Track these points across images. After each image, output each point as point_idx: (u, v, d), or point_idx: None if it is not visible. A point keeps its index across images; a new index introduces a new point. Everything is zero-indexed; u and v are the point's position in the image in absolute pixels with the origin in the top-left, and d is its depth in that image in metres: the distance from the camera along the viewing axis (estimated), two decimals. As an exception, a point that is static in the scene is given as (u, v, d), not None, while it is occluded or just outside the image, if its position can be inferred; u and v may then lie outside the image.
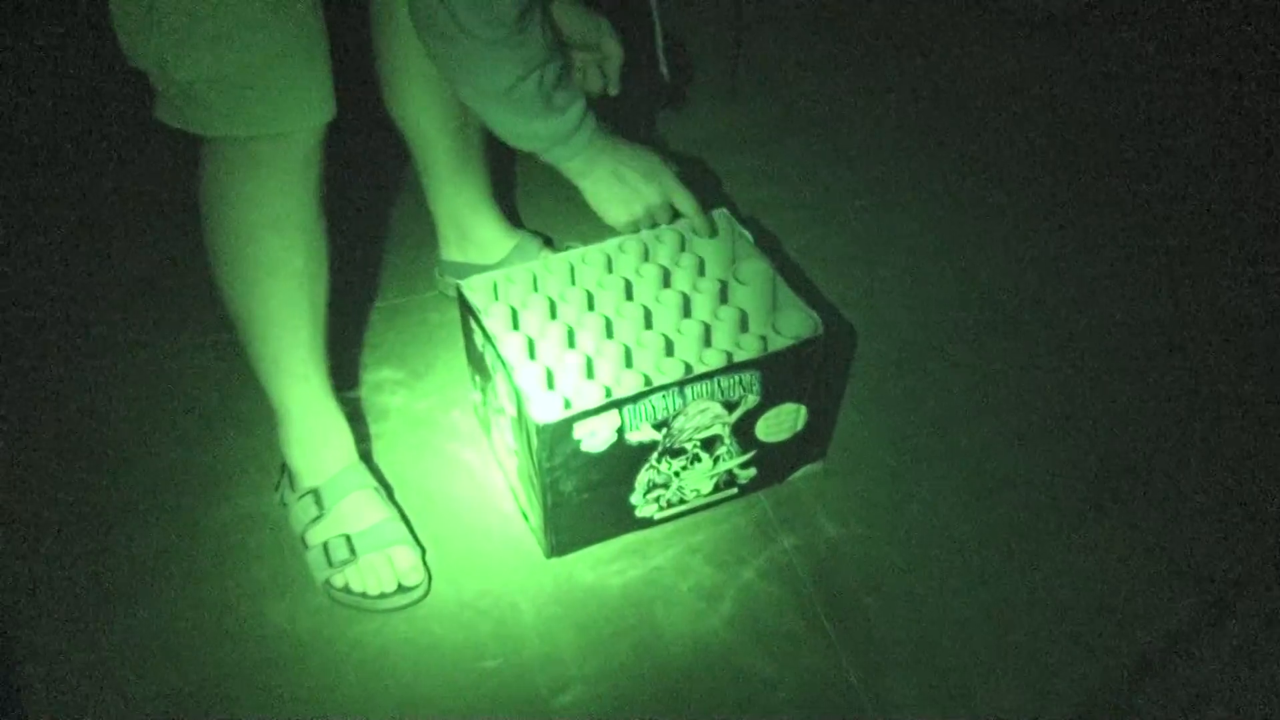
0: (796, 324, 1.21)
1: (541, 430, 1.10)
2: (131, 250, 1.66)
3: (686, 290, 1.26)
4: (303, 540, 1.23)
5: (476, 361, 1.27)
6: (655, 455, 1.18)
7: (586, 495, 1.18)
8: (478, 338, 1.24)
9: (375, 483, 1.26)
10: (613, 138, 1.19)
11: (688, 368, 1.17)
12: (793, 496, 1.31)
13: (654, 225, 1.27)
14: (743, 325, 1.23)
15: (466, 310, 1.24)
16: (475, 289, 1.26)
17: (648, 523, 1.25)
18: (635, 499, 1.21)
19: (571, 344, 1.22)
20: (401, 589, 1.20)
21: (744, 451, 1.24)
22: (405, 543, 1.22)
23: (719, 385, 1.16)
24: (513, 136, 1.14)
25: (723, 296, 1.26)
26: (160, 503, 1.30)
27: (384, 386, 1.44)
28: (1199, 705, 1.10)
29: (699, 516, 1.28)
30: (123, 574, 1.23)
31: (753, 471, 1.26)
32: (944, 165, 1.84)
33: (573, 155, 1.17)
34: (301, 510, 1.24)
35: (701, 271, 1.29)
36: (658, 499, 1.23)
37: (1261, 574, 1.22)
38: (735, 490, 1.28)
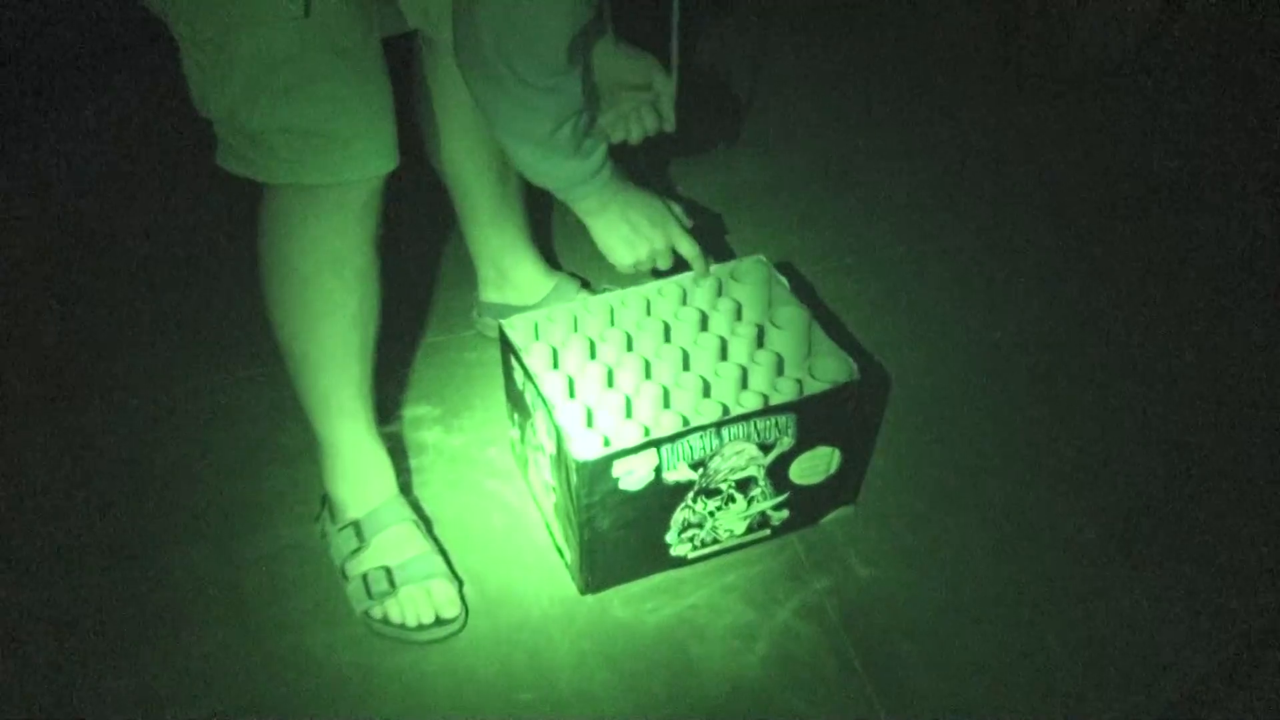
0: (832, 369, 1.23)
1: (581, 467, 1.12)
2: (178, 284, 1.70)
3: (724, 334, 1.29)
4: (343, 572, 1.25)
5: (516, 399, 1.30)
6: (691, 495, 1.20)
7: (622, 533, 1.20)
8: (518, 376, 1.27)
9: (414, 516, 1.28)
10: (625, 182, 1.23)
11: (725, 409, 1.19)
12: (825, 540, 1.32)
13: (655, 268, 1.29)
14: (779, 369, 1.26)
15: (507, 349, 1.27)
16: (516, 328, 1.29)
17: (681, 562, 1.27)
18: (670, 538, 1.23)
19: (611, 384, 1.25)
20: (439, 621, 1.22)
21: (778, 493, 1.25)
22: (443, 576, 1.24)
23: (755, 427, 1.18)
24: (537, 175, 1.18)
25: (759, 341, 1.29)
26: (203, 533, 1.33)
27: (421, 422, 1.47)
28: None
29: (732, 557, 1.29)
30: (165, 602, 1.25)
31: (786, 513, 1.28)
32: (975, 218, 1.86)
33: (587, 196, 1.20)
34: (342, 542, 1.26)
35: (739, 316, 1.32)
36: (692, 538, 1.25)
37: None
38: (768, 532, 1.29)
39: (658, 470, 1.16)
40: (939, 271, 1.75)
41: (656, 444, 1.14)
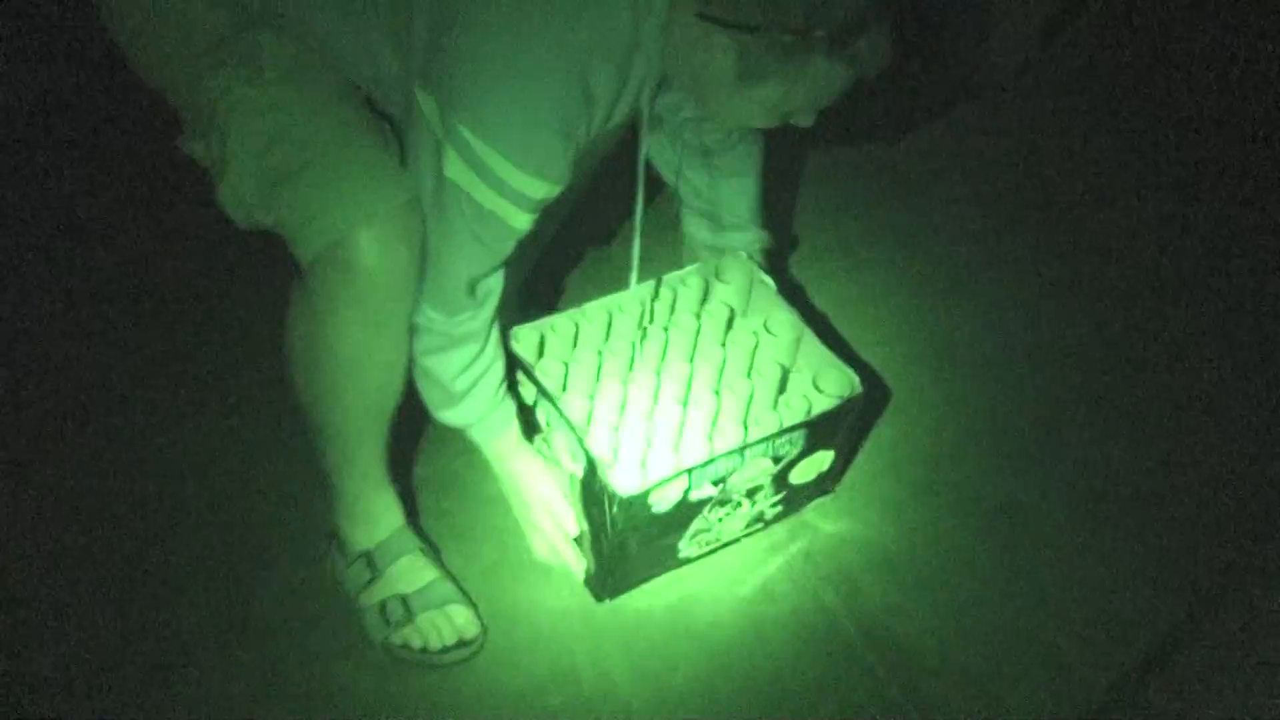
0: (836, 382, 1.29)
1: (625, 503, 1.15)
2: (177, 326, 1.59)
3: (724, 343, 1.33)
4: (357, 603, 1.25)
5: (523, 412, 1.29)
6: (708, 507, 1.25)
7: (644, 546, 1.24)
8: (526, 391, 1.26)
9: (423, 544, 1.29)
10: (514, 465, 1.28)
11: (746, 430, 1.24)
12: (809, 530, 1.40)
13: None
14: (784, 379, 1.30)
15: (515, 363, 1.26)
16: (523, 341, 1.27)
17: (685, 561, 1.33)
18: (682, 544, 1.29)
19: (627, 405, 1.26)
20: (462, 643, 1.24)
21: (777, 494, 1.32)
22: (459, 600, 1.26)
23: (774, 444, 1.23)
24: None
25: (758, 348, 1.33)
26: (214, 573, 1.31)
27: (416, 453, 1.45)
28: (1200, 693, 1.25)
29: (727, 552, 1.36)
30: (184, 644, 1.24)
31: (780, 509, 1.36)
32: (911, 226, 1.90)
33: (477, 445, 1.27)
34: (354, 574, 1.26)
35: (731, 319, 1.36)
36: (698, 540, 1.31)
37: (1240, 578, 1.39)
38: (761, 525, 1.37)
39: (686, 491, 1.20)
40: (882, 278, 1.79)
41: (690, 470, 1.18)
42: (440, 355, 1.16)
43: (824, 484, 1.40)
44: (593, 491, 1.19)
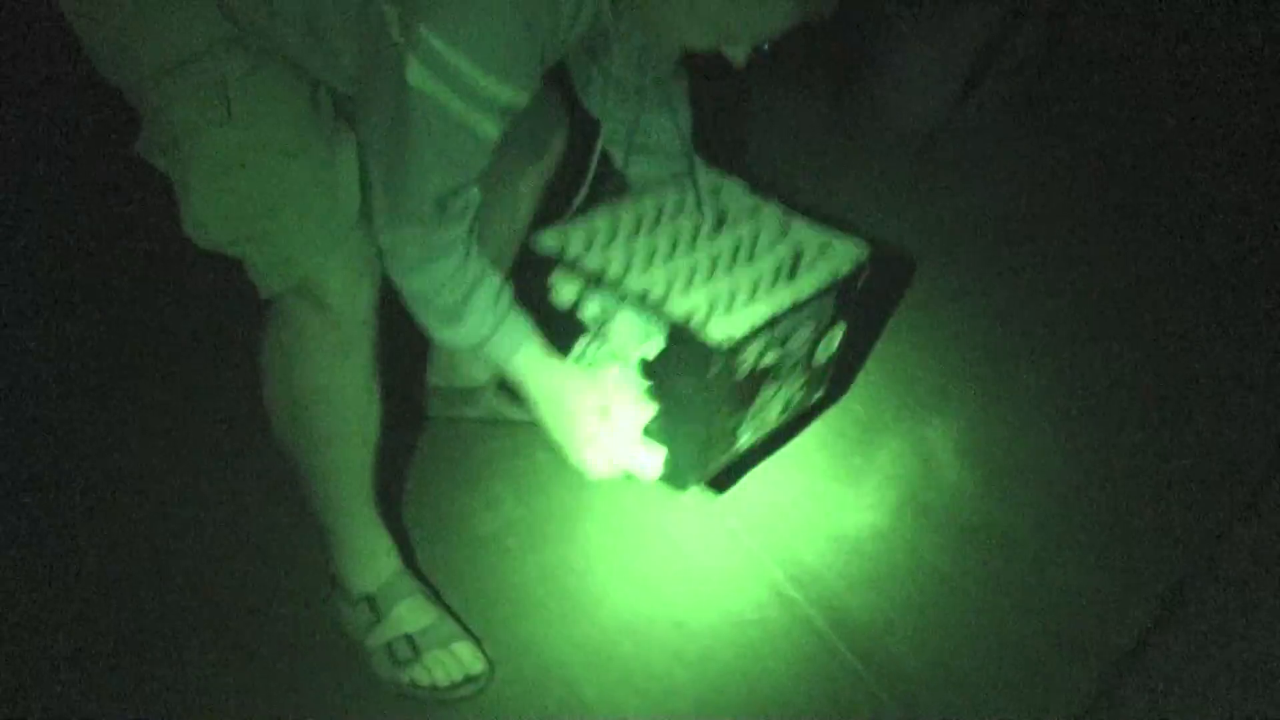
0: (846, 250, 1.34)
1: (726, 353, 1.12)
2: (162, 375, 1.55)
3: (733, 235, 1.34)
4: (364, 645, 1.22)
5: (561, 321, 1.22)
6: (766, 381, 1.24)
7: (722, 423, 1.22)
8: (566, 290, 1.21)
9: (423, 586, 1.28)
10: (541, 378, 1.18)
11: (796, 295, 1.25)
12: (793, 558, 1.42)
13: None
14: (796, 252, 1.34)
15: (547, 265, 1.20)
16: (551, 241, 1.22)
17: (741, 451, 1.31)
18: (743, 427, 1.26)
19: (675, 281, 1.24)
20: (469, 679, 1.23)
21: (804, 374, 1.34)
22: (464, 637, 1.27)
23: (817, 307, 1.26)
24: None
25: (759, 232, 1.35)
26: (213, 623, 1.26)
27: (402, 492, 1.41)
28: (1172, 691, 1.33)
29: (717, 582, 1.38)
30: (188, 693, 1.18)
31: (801, 394, 1.37)
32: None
33: (502, 366, 1.18)
34: (358, 618, 1.23)
35: (721, 218, 1.38)
36: (753, 423, 1.29)
37: (1203, 583, 1.46)
38: (787, 414, 1.37)
39: (759, 354, 1.19)
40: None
41: (773, 324, 1.17)
42: (422, 270, 1.09)
43: (824, 384, 1.42)
44: (680, 360, 1.15)
